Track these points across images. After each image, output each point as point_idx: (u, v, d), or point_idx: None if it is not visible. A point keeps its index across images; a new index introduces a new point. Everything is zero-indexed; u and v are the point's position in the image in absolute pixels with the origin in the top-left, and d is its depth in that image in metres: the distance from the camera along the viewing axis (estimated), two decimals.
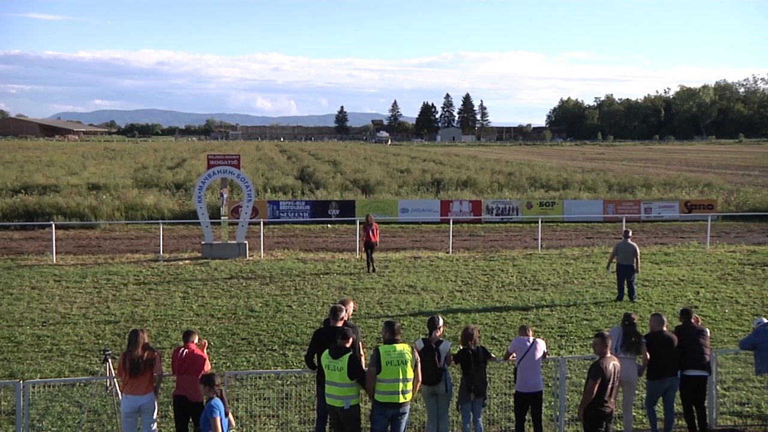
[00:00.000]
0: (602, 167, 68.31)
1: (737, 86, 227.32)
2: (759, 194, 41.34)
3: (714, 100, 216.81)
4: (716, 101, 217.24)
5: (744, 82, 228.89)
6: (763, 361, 10.39)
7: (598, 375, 8.94)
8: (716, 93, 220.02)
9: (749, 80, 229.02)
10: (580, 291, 19.35)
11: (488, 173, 52.93)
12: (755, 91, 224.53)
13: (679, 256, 24.44)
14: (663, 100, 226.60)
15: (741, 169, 71.22)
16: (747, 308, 17.35)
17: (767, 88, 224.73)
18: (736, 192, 42.58)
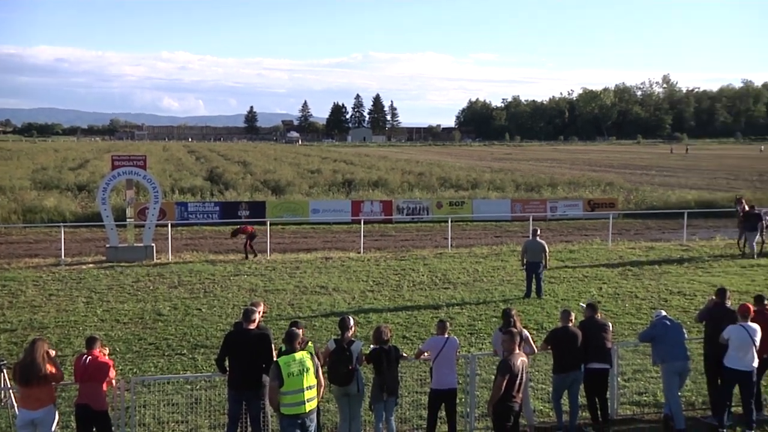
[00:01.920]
0: (510, 167, 69.89)
1: (635, 89, 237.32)
2: (656, 193, 43.21)
3: (614, 103, 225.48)
4: (616, 103, 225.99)
5: (641, 86, 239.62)
6: (659, 353, 10.87)
7: (506, 371, 9.15)
8: (616, 96, 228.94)
9: (646, 84, 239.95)
10: (490, 289, 19.75)
11: (399, 173, 53.34)
12: (651, 94, 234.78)
13: (583, 254, 25.27)
14: (567, 102, 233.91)
15: (640, 168, 74.22)
16: (646, 302, 18.09)
17: (662, 92, 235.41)
18: (636, 191, 44.37)
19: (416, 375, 11.84)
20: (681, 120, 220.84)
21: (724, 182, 55.25)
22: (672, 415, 10.69)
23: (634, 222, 34.87)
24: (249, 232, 24.50)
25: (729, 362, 10.56)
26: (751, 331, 10.51)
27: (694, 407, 11.52)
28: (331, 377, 9.66)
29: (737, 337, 10.48)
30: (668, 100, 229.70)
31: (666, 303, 17.72)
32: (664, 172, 67.27)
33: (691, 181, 55.54)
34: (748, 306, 10.86)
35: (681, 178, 59.90)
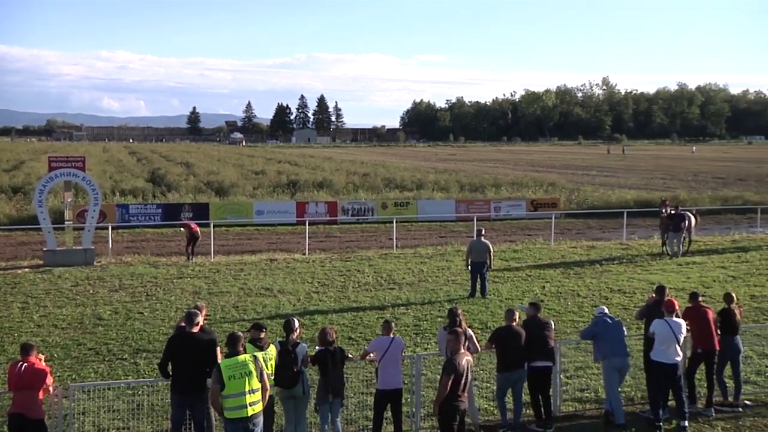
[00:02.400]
0: (454, 168, 70.43)
1: (576, 91, 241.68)
2: (597, 193, 44.09)
3: (556, 104, 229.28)
4: (558, 105, 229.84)
5: (581, 88, 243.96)
6: (600, 350, 11.11)
7: (451, 371, 9.20)
8: (558, 97, 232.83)
9: (586, 86, 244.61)
10: (435, 289, 19.86)
11: (344, 174, 53.28)
12: (591, 96, 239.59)
13: (527, 253, 25.62)
14: (510, 103, 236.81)
15: (581, 169, 75.62)
16: (587, 300, 18.44)
17: (601, 94, 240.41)
18: (577, 191, 45.21)
19: (362, 376, 11.84)
20: (620, 121, 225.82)
21: (661, 182, 56.70)
22: (612, 410, 10.93)
23: (576, 221, 35.51)
24: (192, 231, 24.20)
25: (654, 356, 10.89)
26: (674, 326, 10.83)
27: (634, 402, 11.79)
28: (276, 380, 9.58)
29: (661, 332, 10.82)
30: (608, 102, 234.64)
31: (607, 301, 18.08)
32: (604, 173, 68.67)
33: (630, 181, 56.82)
34: (672, 302, 11.27)
35: (620, 178, 61.23)
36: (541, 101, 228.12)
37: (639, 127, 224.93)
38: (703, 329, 11.42)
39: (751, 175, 63.86)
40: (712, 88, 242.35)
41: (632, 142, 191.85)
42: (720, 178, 60.08)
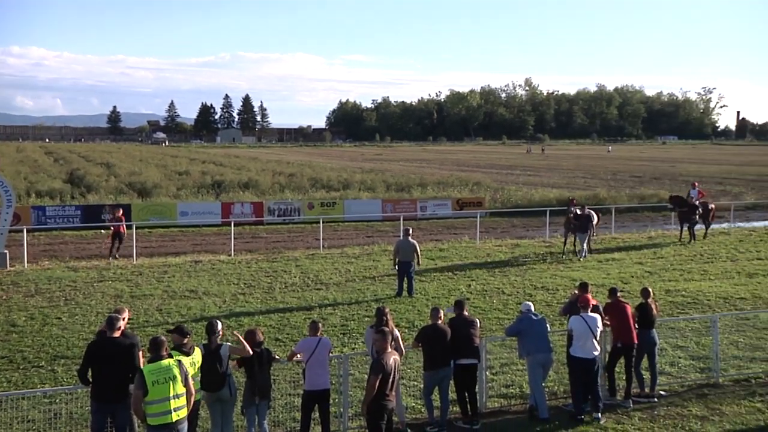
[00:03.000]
0: (380, 167, 70.69)
1: (500, 91, 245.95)
2: (520, 192, 44.97)
3: (480, 104, 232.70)
4: (482, 105, 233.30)
5: (505, 88, 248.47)
6: (525, 346, 11.33)
7: (379, 370, 9.22)
8: (482, 97, 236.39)
9: (509, 86, 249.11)
10: (362, 289, 19.89)
11: (270, 174, 52.82)
12: (515, 96, 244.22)
13: (453, 252, 25.92)
14: (435, 103, 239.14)
15: (505, 168, 77.00)
16: (512, 298, 18.77)
17: (524, 94, 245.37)
18: (501, 190, 46.01)
19: (289, 377, 11.76)
20: (542, 121, 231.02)
21: (582, 181, 58.23)
22: (536, 405, 11.17)
23: (501, 220, 36.11)
24: (118, 230, 23.89)
25: (573, 351, 11.22)
26: (590, 321, 11.16)
27: (557, 396, 12.06)
28: (202, 383, 9.42)
29: (578, 328, 11.16)
30: (530, 102, 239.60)
31: (531, 298, 18.42)
32: (527, 172, 70.07)
33: (552, 180, 58.17)
34: (587, 298, 11.61)
35: (543, 177, 62.60)
36: (466, 101, 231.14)
37: (561, 127, 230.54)
38: (623, 324, 11.78)
39: (665, 174, 66.26)
40: (629, 90, 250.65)
41: (554, 141, 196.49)
42: (637, 177, 62.09)
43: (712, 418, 11.16)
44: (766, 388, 12.35)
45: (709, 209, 28.98)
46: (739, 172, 68.78)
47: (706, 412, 11.39)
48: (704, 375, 12.92)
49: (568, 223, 25.36)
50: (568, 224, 25.44)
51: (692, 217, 28.06)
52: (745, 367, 13.29)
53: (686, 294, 19.07)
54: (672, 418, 11.21)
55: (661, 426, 10.88)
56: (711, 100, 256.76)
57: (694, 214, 28.08)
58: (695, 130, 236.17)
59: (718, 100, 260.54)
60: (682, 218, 28.34)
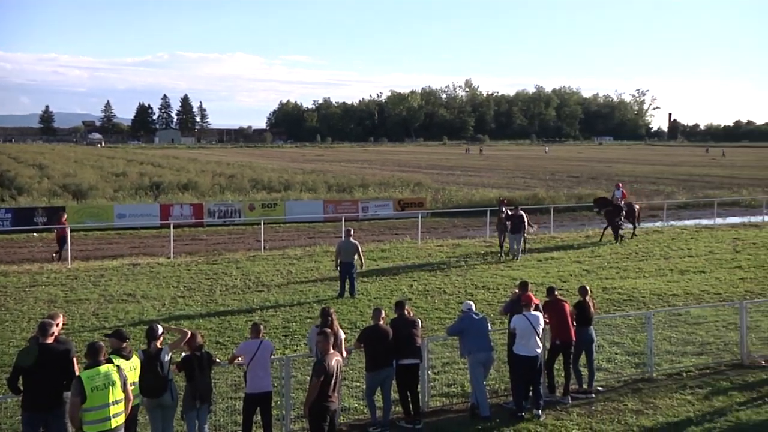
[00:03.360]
0: (322, 168, 70.52)
1: (440, 93, 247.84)
2: (461, 192, 45.41)
3: (421, 105, 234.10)
4: (423, 106, 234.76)
5: (445, 89, 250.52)
6: (466, 345, 11.44)
7: (321, 372, 9.19)
8: (423, 98, 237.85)
9: (450, 87, 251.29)
10: (304, 290, 19.80)
11: (209, 176, 52.21)
12: (455, 97, 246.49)
13: (395, 252, 26.00)
14: (376, 104, 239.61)
15: (446, 169, 77.61)
16: (453, 297, 18.93)
17: (465, 95, 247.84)
18: (442, 190, 46.40)
19: (230, 380, 11.64)
20: (483, 122, 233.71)
21: (522, 181, 59.11)
22: (478, 403, 11.29)
23: (442, 220, 36.40)
24: (61, 234, 23.85)
25: (516, 349, 11.38)
26: (532, 320, 11.34)
27: (498, 394, 12.22)
28: (142, 389, 9.23)
29: (521, 326, 11.32)
30: (471, 104, 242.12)
31: (472, 297, 18.61)
32: (468, 172, 70.78)
33: (493, 181, 58.91)
34: (529, 296, 11.82)
35: (483, 177, 63.33)
36: (406, 102, 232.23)
37: (500, 128, 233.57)
38: (561, 322, 12.00)
39: (602, 174, 67.75)
40: (566, 92, 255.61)
41: (494, 142, 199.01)
42: (575, 177, 63.34)
43: (646, 411, 11.46)
44: (696, 381, 12.75)
45: (635, 210, 29.43)
46: (671, 173, 70.80)
47: (641, 405, 11.69)
48: (639, 370, 13.25)
49: (501, 224, 25.25)
50: (500, 225, 25.32)
51: (617, 218, 28.36)
52: (677, 362, 13.69)
53: (622, 291, 19.54)
54: (609, 412, 11.46)
55: (598, 421, 11.12)
56: (644, 102, 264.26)
57: (619, 215, 28.44)
58: (630, 131, 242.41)
59: (651, 102, 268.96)
60: (608, 219, 28.66)
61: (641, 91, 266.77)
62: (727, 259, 24.17)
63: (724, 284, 20.39)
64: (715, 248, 26.49)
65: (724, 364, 13.62)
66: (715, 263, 23.52)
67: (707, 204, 40.80)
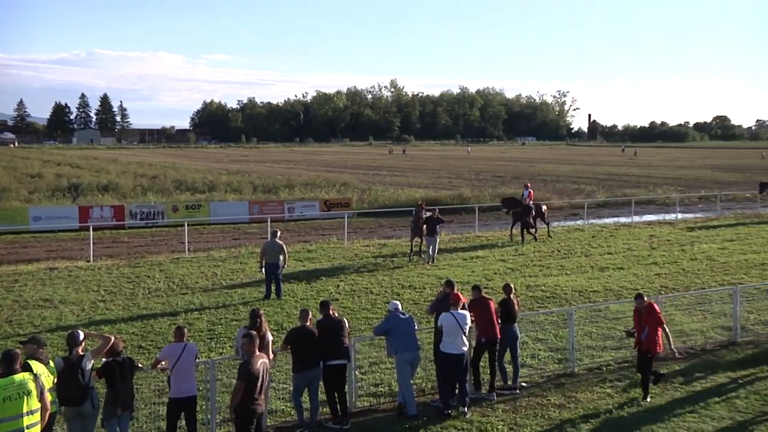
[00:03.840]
0: (247, 169, 69.82)
1: (366, 93, 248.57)
2: (387, 192, 45.60)
3: (347, 105, 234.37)
4: (349, 106, 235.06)
5: (371, 89, 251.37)
6: (393, 344, 11.51)
7: (246, 375, 9.10)
8: (348, 98, 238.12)
9: (375, 88, 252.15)
10: (229, 292, 19.56)
11: (131, 177, 51.07)
12: (380, 97, 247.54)
13: (321, 253, 25.94)
14: (302, 104, 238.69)
15: (372, 169, 77.84)
16: (380, 297, 19.01)
17: (390, 96, 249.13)
18: (369, 190, 46.51)
19: (153, 385, 11.40)
20: (408, 122, 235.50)
21: (447, 181, 59.76)
22: (405, 402, 11.36)
23: (368, 220, 36.49)
24: None
25: (444, 347, 11.51)
26: (459, 318, 11.49)
27: (425, 393, 12.33)
28: (61, 398, 8.94)
29: (448, 324, 11.46)
30: (396, 104, 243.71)
31: (398, 297, 18.73)
32: (394, 172, 71.15)
33: (418, 181, 59.37)
34: (457, 295, 11.99)
35: (409, 177, 63.76)
36: (332, 102, 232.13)
37: (426, 128, 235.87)
38: (486, 319, 12.18)
39: (525, 173, 69.11)
40: (490, 92, 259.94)
41: (420, 142, 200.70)
42: (499, 177, 64.44)
43: (568, 405, 11.77)
44: (615, 374, 13.17)
45: (542, 210, 29.51)
46: (591, 172, 72.80)
47: (564, 400, 12.00)
48: (562, 365, 13.59)
49: (416, 226, 24.36)
50: (416, 228, 24.29)
51: (526, 218, 28.41)
52: (597, 356, 14.10)
53: (545, 289, 19.99)
54: (533, 407, 11.72)
55: (522, 416, 11.36)
56: (565, 103, 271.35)
57: (528, 215, 28.52)
58: (551, 132, 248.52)
59: (571, 104, 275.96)
60: (516, 219, 28.71)
61: (562, 92, 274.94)
62: (643, 256, 25.00)
63: (641, 280, 21.10)
64: (633, 245, 27.37)
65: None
66: (632, 260, 24.31)
67: (625, 202, 42.13)
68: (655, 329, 11.90)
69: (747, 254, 25.19)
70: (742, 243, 27.77)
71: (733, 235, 29.73)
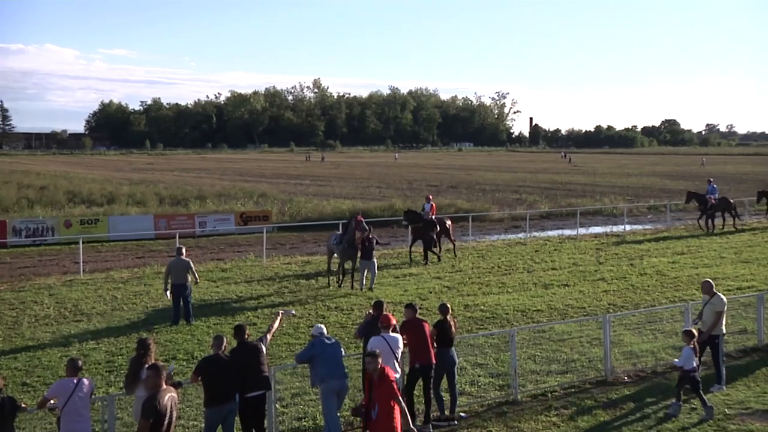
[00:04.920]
0: (152, 178, 68.81)
1: (286, 94, 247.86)
2: (310, 203, 45.52)
3: (265, 108, 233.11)
4: (267, 108, 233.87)
5: (292, 90, 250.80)
6: (318, 373, 11.40)
7: (151, 413, 8.87)
8: (267, 100, 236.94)
9: (297, 88, 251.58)
10: (131, 318, 19.17)
11: (15, 188, 49.68)
12: (303, 99, 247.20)
13: (237, 272, 25.66)
14: (214, 106, 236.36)
15: (294, 178, 77.62)
16: (303, 320, 18.89)
17: (313, 97, 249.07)
18: (290, 201, 46.38)
19: (39, 427, 11.03)
20: (334, 126, 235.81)
21: (377, 191, 60.03)
22: None
23: (290, 235, 36.33)
24: None
25: None
26: (391, 342, 11.55)
27: (353, 426, 12.28)
28: None
29: (378, 349, 11.22)
30: (320, 106, 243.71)
31: (324, 320, 18.67)
32: (318, 182, 71.11)
33: (345, 191, 59.47)
34: (388, 317, 11.98)
35: (335, 187, 63.82)
36: (248, 104, 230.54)
37: (353, 133, 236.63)
38: (420, 343, 12.21)
39: (462, 182, 70.04)
40: (423, 93, 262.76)
41: (347, 148, 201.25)
42: (433, 186, 65.08)
43: None
44: (561, 401, 13.39)
45: (446, 225, 28.82)
46: (533, 180, 74.25)
47: (506, 430, 12.11)
48: (503, 392, 13.75)
49: (352, 247, 23.23)
50: (349, 248, 22.99)
51: (428, 234, 27.35)
52: (542, 381, 14.32)
53: (485, 308, 20.22)
54: None
55: None
56: (505, 106, 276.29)
57: (432, 230, 27.52)
58: (490, 136, 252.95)
59: (511, 106, 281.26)
60: (417, 235, 27.98)
61: (501, 94, 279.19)
62: (590, 271, 25.58)
63: (588, 297, 21.56)
64: (579, 260, 27.98)
65: (588, 381, 14.38)
66: (578, 276, 24.83)
67: (570, 213, 43.07)
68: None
69: (698, 268, 26.04)
70: (694, 256, 28.69)
71: (684, 248, 30.69)
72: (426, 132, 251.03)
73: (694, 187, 48.79)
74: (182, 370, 14.38)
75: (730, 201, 37.01)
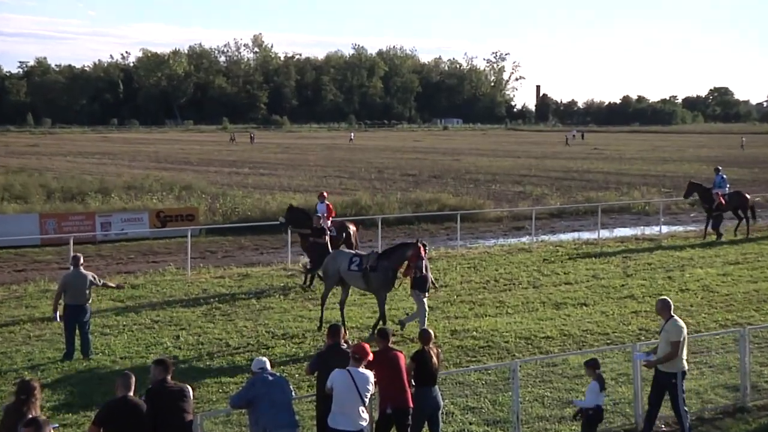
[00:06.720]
0: (37, 165, 68.38)
1: (217, 53, 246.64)
2: (250, 198, 45.36)
3: (189, 72, 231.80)
4: (192, 73, 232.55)
5: (225, 49, 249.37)
6: (260, 420, 11.35)
7: None
8: (191, 62, 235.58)
9: (231, 47, 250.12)
10: (8, 352, 19.01)
11: None
12: (239, 61, 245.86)
13: (152, 288, 25.51)
14: (121, 70, 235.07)
15: (228, 165, 77.26)
16: (239, 352, 18.83)
17: (253, 59, 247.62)
18: (223, 196, 46.13)
19: None
20: (280, 97, 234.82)
21: (337, 182, 59.80)
22: None
23: (223, 240, 36.14)
24: None
25: (332, 422, 11.44)
26: (358, 379, 11.45)
27: None
28: None
29: (341, 387, 11.39)
30: (262, 71, 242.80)
31: (268, 351, 18.60)
32: (260, 170, 70.80)
33: (295, 182, 59.25)
34: (364, 347, 11.86)
35: (282, 177, 63.55)
36: (167, 67, 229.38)
37: (306, 106, 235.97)
38: (393, 381, 12.14)
39: (448, 170, 70.10)
40: (397, 55, 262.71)
41: (298, 126, 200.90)
42: (410, 176, 65.16)
43: None
44: None
45: (350, 233, 27.70)
46: (540, 168, 74.45)
47: None
48: None
49: (313, 249, 24.80)
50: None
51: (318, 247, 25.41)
52: (552, 430, 14.37)
53: (478, 335, 20.25)
54: None
55: None
56: (504, 70, 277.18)
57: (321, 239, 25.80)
58: (485, 111, 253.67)
59: (512, 71, 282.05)
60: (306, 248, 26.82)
61: (499, 56, 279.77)
62: (615, 287, 25.71)
63: (612, 321, 21.67)
64: (600, 271, 28.11)
65: (613, 431, 14.43)
66: (600, 292, 24.95)
67: (589, 211, 43.14)
68: None
69: (758, 282, 26.21)
70: (752, 266, 28.85)
71: (738, 256, 30.84)
72: (401, 105, 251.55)
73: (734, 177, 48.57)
74: (77, 421, 14.31)
75: (745, 197, 35.97)
